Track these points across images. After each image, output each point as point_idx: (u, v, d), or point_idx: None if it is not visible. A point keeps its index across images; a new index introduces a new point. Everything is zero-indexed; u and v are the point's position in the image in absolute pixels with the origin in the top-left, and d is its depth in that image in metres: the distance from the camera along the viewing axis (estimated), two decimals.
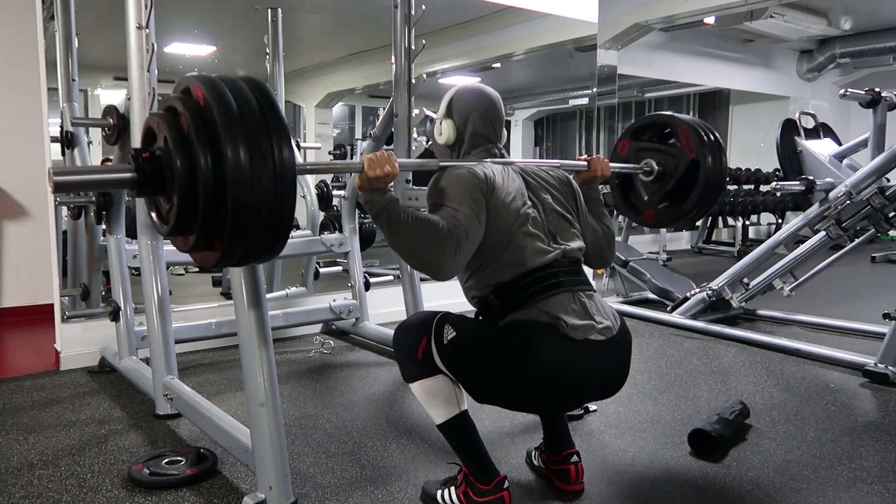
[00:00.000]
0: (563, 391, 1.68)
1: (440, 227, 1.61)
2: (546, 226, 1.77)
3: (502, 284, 1.70)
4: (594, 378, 1.71)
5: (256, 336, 1.79)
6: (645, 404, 2.65)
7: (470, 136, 1.86)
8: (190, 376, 2.98)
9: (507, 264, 1.70)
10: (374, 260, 5.69)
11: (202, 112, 1.30)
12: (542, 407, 1.83)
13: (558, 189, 1.86)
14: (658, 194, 2.33)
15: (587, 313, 1.69)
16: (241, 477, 2.01)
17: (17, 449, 2.23)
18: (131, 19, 2.26)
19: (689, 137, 2.25)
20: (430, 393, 1.76)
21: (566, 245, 1.77)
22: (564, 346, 1.63)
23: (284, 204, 1.34)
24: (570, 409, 1.93)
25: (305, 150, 6.75)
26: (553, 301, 1.67)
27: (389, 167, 1.63)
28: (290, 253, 3.59)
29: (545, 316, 1.65)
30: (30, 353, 3.40)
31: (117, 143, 2.62)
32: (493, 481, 1.73)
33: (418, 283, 3.21)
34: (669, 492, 1.94)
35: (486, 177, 1.71)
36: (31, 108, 3.54)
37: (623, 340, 1.75)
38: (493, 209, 1.69)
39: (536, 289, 1.68)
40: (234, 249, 1.35)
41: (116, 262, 2.81)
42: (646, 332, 3.87)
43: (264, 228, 1.34)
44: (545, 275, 1.69)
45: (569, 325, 1.64)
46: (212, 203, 1.28)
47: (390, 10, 3.13)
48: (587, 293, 1.74)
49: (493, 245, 1.70)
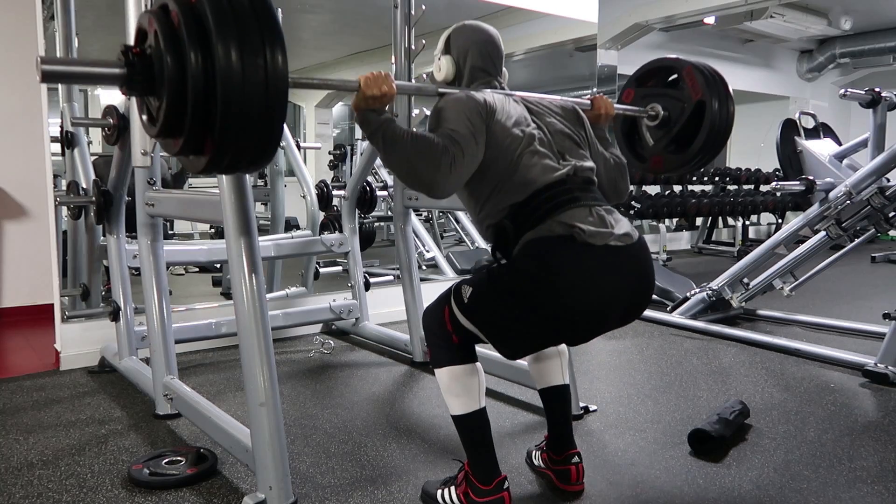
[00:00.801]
0: (591, 303, 1.59)
1: (436, 143, 1.59)
2: (553, 146, 1.73)
3: (516, 206, 1.65)
4: (620, 286, 1.62)
5: (256, 336, 1.79)
6: (645, 404, 2.65)
7: (469, 71, 1.83)
8: (190, 376, 2.98)
9: (519, 184, 1.66)
10: (374, 260, 5.69)
11: (193, 8, 1.27)
12: (576, 331, 1.67)
13: (563, 115, 1.82)
14: (664, 139, 2.26)
15: (604, 223, 1.62)
16: (241, 477, 2.01)
17: (17, 449, 2.23)
18: (131, 19, 2.26)
19: (695, 79, 2.18)
20: (455, 381, 1.73)
21: (576, 162, 1.72)
22: (583, 253, 1.57)
23: (275, 106, 1.30)
24: (600, 329, 1.73)
25: (305, 149, 6.76)
26: (569, 213, 1.61)
27: (387, 87, 1.62)
28: (290, 253, 3.59)
29: (560, 227, 1.59)
30: (30, 353, 3.40)
31: (117, 143, 2.62)
32: (493, 481, 1.73)
33: (418, 283, 3.21)
34: (669, 492, 1.94)
35: (485, 101, 1.69)
36: (31, 108, 3.53)
37: (643, 248, 1.68)
38: (494, 133, 1.66)
39: (551, 205, 1.62)
40: (223, 153, 1.32)
41: (116, 262, 2.81)
42: (646, 332, 3.87)
43: (254, 131, 1.31)
44: (559, 191, 1.65)
45: (586, 232, 1.57)
46: (201, 102, 1.26)
47: (390, 10, 3.14)
48: (605, 207, 1.67)
49: (502, 169, 1.66)
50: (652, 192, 6.80)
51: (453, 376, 1.73)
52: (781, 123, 4.06)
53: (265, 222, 4.44)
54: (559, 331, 1.66)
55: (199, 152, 1.36)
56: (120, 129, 2.57)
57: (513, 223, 1.65)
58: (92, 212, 2.84)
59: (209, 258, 3.35)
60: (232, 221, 1.81)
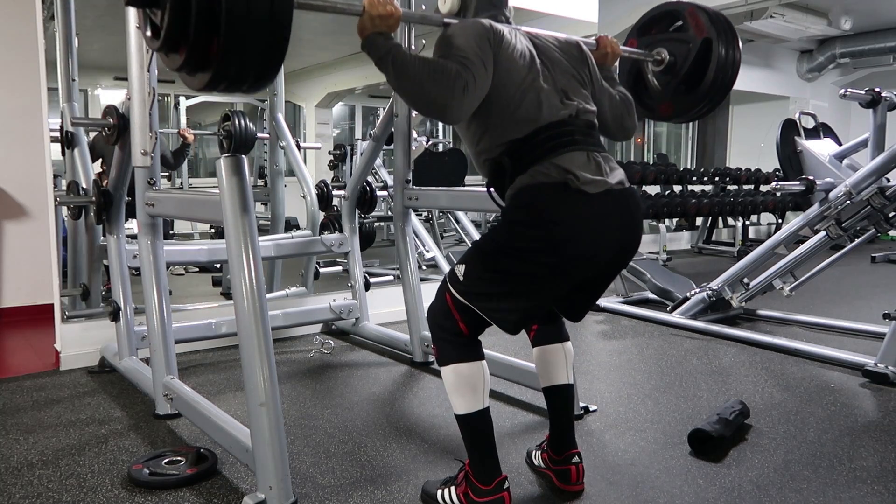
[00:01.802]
0: (583, 249, 1.61)
1: (448, 67, 1.56)
2: (556, 84, 1.71)
3: (516, 142, 1.65)
4: (611, 231, 1.63)
5: (256, 336, 1.79)
6: (645, 404, 2.65)
7: (476, 3, 1.80)
8: (190, 376, 2.98)
9: (521, 120, 1.65)
10: (374, 260, 5.69)
11: None
12: (568, 280, 1.66)
13: (567, 52, 1.80)
14: (671, 84, 2.22)
15: (600, 171, 1.63)
16: (241, 477, 2.01)
17: (17, 449, 2.23)
18: (131, 19, 2.26)
19: (699, 18, 2.15)
20: (460, 380, 1.71)
21: (579, 104, 1.71)
22: (576, 201, 1.58)
23: (281, 17, 1.29)
24: (592, 280, 1.74)
25: (305, 149, 6.76)
26: (567, 156, 1.61)
27: (392, 8, 1.60)
28: (290, 253, 3.60)
29: (556, 171, 1.59)
30: (30, 353, 3.40)
31: (117, 143, 2.62)
32: (493, 481, 1.73)
33: (418, 283, 3.20)
34: (669, 492, 1.94)
35: (492, 27, 1.66)
36: (31, 108, 3.53)
37: (633, 195, 1.70)
38: (501, 62, 1.64)
39: (551, 145, 1.62)
40: (229, 60, 1.30)
41: (116, 262, 2.81)
42: (646, 332, 3.87)
43: (258, 42, 1.29)
44: (560, 132, 1.64)
45: (580, 179, 1.58)
46: (204, 9, 1.25)
47: None
48: (602, 154, 1.67)
49: (505, 101, 1.65)
50: (652, 192, 6.80)
51: (459, 374, 1.72)
52: (781, 123, 4.05)
53: (265, 222, 4.45)
54: (553, 282, 1.64)
55: (203, 65, 1.33)
56: (120, 129, 2.57)
57: (510, 159, 1.65)
58: (92, 212, 2.84)
59: (209, 258, 3.36)
60: (232, 221, 1.81)
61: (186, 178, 6.86)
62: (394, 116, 3.16)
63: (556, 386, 1.96)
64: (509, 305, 1.67)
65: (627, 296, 4.69)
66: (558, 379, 1.96)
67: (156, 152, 2.37)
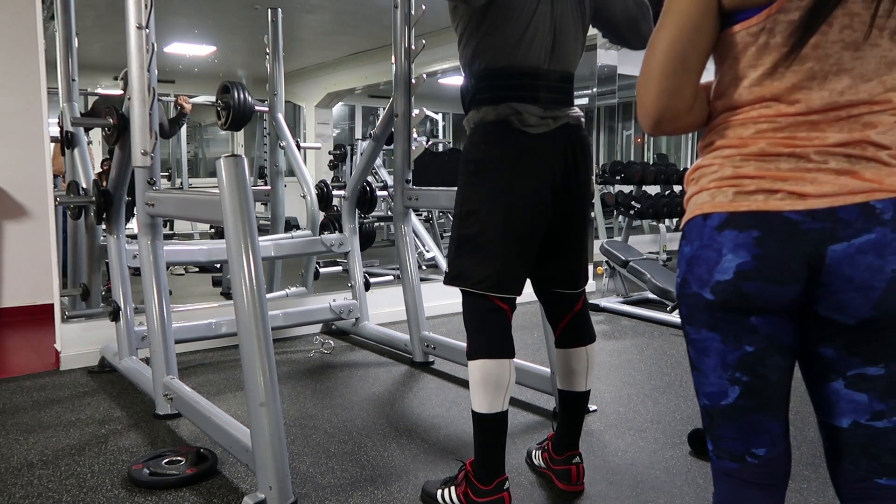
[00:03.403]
0: (531, 186, 1.70)
1: None
2: (553, 35, 1.72)
3: (491, 70, 1.72)
4: (553, 164, 1.72)
5: (256, 336, 1.79)
6: (645, 404, 2.65)
7: None
8: (190, 376, 2.98)
9: (504, 54, 1.70)
10: (374, 260, 5.70)
11: None
12: (530, 223, 1.74)
13: None
14: None
15: (548, 120, 1.72)
16: (241, 477, 2.01)
17: (17, 449, 2.23)
18: (131, 19, 2.26)
19: None
20: (486, 377, 1.71)
21: (561, 62, 1.75)
22: (519, 136, 1.69)
23: None
24: (562, 235, 1.83)
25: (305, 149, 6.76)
26: (523, 105, 1.70)
27: None
28: (290, 253, 3.60)
29: (508, 109, 1.70)
30: (30, 353, 3.40)
31: (117, 143, 2.62)
32: (493, 482, 1.73)
33: (418, 283, 3.20)
34: (669, 492, 1.94)
35: None
36: (31, 108, 3.54)
37: (574, 129, 1.77)
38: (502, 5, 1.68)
39: (513, 94, 1.71)
40: None
41: (116, 262, 2.81)
42: (646, 332, 3.87)
43: None
44: (530, 84, 1.71)
45: (525, 122, 1.69)
46: None
47: (390, 10, 3.14)
48: (561, 110, 1.75)
49: (502, 36, 1.69)
50: (652, 192, 6.81)
51: (486, 371, 1.71)
52: None
53: (265, 222, 4.45)
54: (517, 228, 1.72)
55: None
56: (120, 129, 2.57)
57: (477, 84, 1.75)
58: (92, 212, 2.84)
59: (209, 258, 3.35)
60: (232, 221, 1.81)
61: (186, 178, 6.87)
62: (394, 116, 3.16)
63: (576, 392, 1.94)
64: (485, 267, 1.72)
65: (627, 296, 4.69)
66: (577, 386, 1.94)
67: (156, 152, 2.37)
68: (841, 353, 0.91)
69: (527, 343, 3.52)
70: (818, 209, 0.84)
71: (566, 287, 1.89)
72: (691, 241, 0.93)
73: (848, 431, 0.96)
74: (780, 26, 0.86)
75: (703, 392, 0.99)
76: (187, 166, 6.70)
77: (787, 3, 0.85)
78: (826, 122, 0.86)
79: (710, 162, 0.94)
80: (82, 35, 3.17)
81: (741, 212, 0.88)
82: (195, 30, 5.81)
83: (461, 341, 2.17)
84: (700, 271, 0.91)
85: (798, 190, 0.85)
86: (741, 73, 0.91)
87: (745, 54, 0.90)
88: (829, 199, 0.84)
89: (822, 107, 0.86)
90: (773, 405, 0.97)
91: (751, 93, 0.90)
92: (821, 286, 0.86)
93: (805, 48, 0.85)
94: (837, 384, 0.93)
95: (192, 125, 7.43)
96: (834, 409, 0.96)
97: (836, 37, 0.84)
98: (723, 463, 1.02)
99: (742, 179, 0.89)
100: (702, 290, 0.91)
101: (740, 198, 0.88)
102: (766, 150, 0.88)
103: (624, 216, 6.62)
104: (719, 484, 1.03)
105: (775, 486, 1.07)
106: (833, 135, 0.85)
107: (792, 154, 0.87)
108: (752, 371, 0.94)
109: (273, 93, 4.10)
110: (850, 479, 1.01)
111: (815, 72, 0.86)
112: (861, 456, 0.97)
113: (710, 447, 1.03)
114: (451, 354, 2.98)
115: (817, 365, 0.95)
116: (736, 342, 0.92)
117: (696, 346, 0.98)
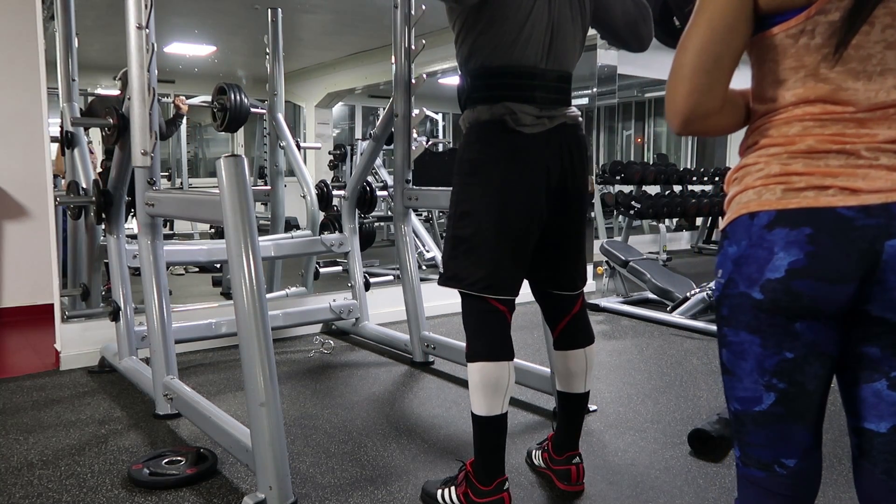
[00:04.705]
0: (527, 187, 1.70)
1: None
2: (551, 34, 1.71)
3: (487, 69, 1.72)
4: (547, 164, 1.72)
5: (256, 336, 1.79)
6: (645, 404, 2.65)
7: None
8: (190, 376, 2.98)
9: (500, 53, 1.69)
10: (374, 260, 5.69)
11: None
12: (524, 218, 1.73)
13: None
14: None
15: (544, 119, 1.71)
16: (241, 477, 2.01)
17: (17, 449, 2.23)
18: (131, 19, 2.26)
19: None
20: (485, 379, 1.70)
21: (558, 62, 1.74)
22: (514, 136, 1.69)
23: None
24: (558, 236, 1.82)
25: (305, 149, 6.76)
26: (518, 105, 1.69)
27: None
28: (290, 253, 3.60)
29: (503, 109, 1.69)
30: (30, 353, 3.40)
31: (117, 143, 2.62)
32: (493, 482, 1.73)
33: (418, 283, 3.20)
34: (669, 492, 1.94)
35: None
36: (31, 108, 3.54)
37: (571, 128, 1.76)
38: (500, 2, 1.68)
39: (509, 94, 1.70)
40: None
41: (116, 262, 2.81)
42: (646, 332, 3.87)
43: None
44: (526, 84, 1.70)
45: (520, 122, 1.68)
46: None
47: (390, 10, 3.14)
48: (557, 110, 1.74)
49: (498, 34, 1.68)
50: (652, 192, 6.81)
51: (485, 373, 1.71)
52: None
53: (265, 222, 4.45)
54: (511, 229, 1.71)
55: None
56: (120, 129, 2.57)
57: (472, 82, 1.74)
58: (92, 212, 2.84)
59: (209, 258, 3.36)
60: (232, 221, 1.81)
61: (186, 178, 6.87)
62: (394, 116, 3.16)
63: (575, 393, 1.94)
64: (479, 268, 1.71)
65: (627, 296, 4.69)
66: (576, 388, 1.93)
67: (156, 153, 2.37)
68: (886, 352, 0.89)
69: (527, 343, 3.52)
70: (872, 205, 0.82)
71: (564, 288, 1.89)
72: (738, 240, 0.90)
73: (885, 437, 0.92)
74: (820, 27, 0.85)
75: (736, 397, 0.97)
76: (187, 166, 6.70)
77: (827, 4, 0.83)
78: (874, 121, 0.85)
79: (756, 160, 0.92)
80: (82, 35, 3.17)
81: (791, 209, 0.85)
82: (195, 30, 5.82)
83: (461, 341, 2.17)
84: (749, 270, 0.89)
85: (850, 186, 0.83)
86: (782, 75, 0.90)
87: (786, 56, 0.89)
88: (883, 195, 0.82)
89: (868, 106, 0.85)
90: (807, 415, 0.95)
91: (794, 95, 0.89)
92: (875, 283, 0.84)
93: (847, 49, 0.84)
94: (880, 384, 0.91)
95: (192, 125, 7.44)
96: (872, 412, 0.93)
97: (878, 37, 0.83)
98: (749, 470, 0.99)
99: (791, 176, 0.87)
100: (750, 290, 0.89)
101: (790, 195, 0.86)
102: (814, 147, 0.86)
103: (624, 216, 6.62)
104: (743, 491, 1.01)
105: (801, 501, 1.00)
106: (883, 132, 0.84)
107: (841, 151, 0.85)
108: (789, 378, 0.92)
109: (273, 93, 4.10)
110: (881, 489, 0.95)
111: (858, 72, 0.85)
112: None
113: (736, 453, 1.01)
114: (451, 354, 2.98)
115: (858, 366, 0.93)
116: (776, 347, 0.90)
117: (732, 349, 0.95)
